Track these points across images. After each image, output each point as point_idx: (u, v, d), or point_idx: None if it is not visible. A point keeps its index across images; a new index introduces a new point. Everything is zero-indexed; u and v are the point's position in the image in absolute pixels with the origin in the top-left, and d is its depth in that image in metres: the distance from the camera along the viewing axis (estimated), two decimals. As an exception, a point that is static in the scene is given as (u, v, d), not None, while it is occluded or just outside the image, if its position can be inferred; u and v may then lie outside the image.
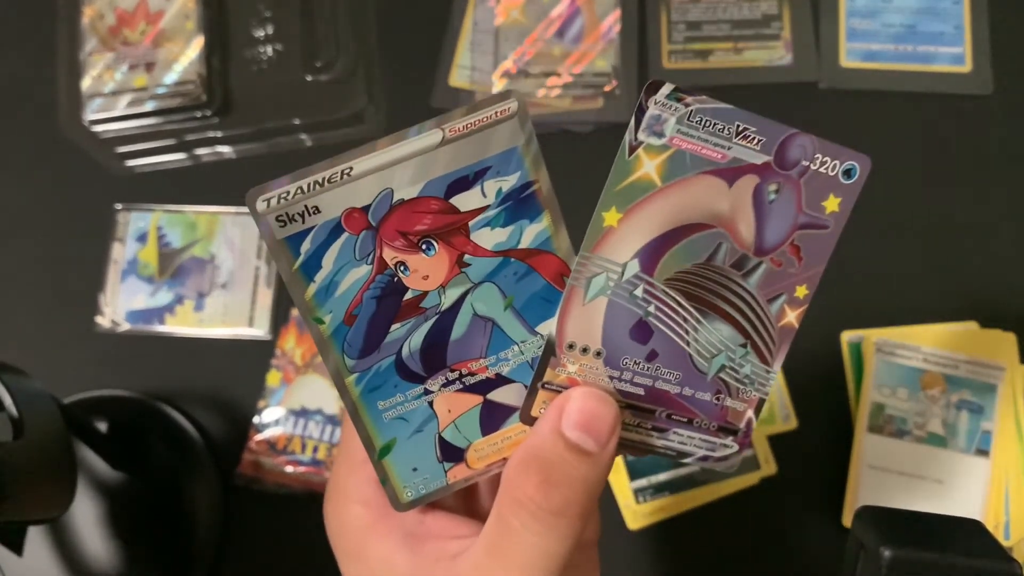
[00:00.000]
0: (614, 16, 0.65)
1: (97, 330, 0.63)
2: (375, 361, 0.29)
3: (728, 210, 0.29)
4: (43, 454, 0.45)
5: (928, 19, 0.65)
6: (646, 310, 0.30)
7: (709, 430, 0.32)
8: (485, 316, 0.30)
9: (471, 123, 0.28)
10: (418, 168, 0.28)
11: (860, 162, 0.31)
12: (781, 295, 0.31)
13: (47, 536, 0.57)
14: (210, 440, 0.60)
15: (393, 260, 0.29)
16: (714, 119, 0.29)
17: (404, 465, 0.31)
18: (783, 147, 0.30)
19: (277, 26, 0.67)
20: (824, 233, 0.31)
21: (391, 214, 0.28)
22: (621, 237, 0.30)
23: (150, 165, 0.66)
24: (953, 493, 0.56)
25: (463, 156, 0.28)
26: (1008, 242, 0.62)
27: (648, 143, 0.30)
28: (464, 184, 0.28)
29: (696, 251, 0.30)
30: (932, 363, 0.58)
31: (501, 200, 0.29)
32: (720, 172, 0.29)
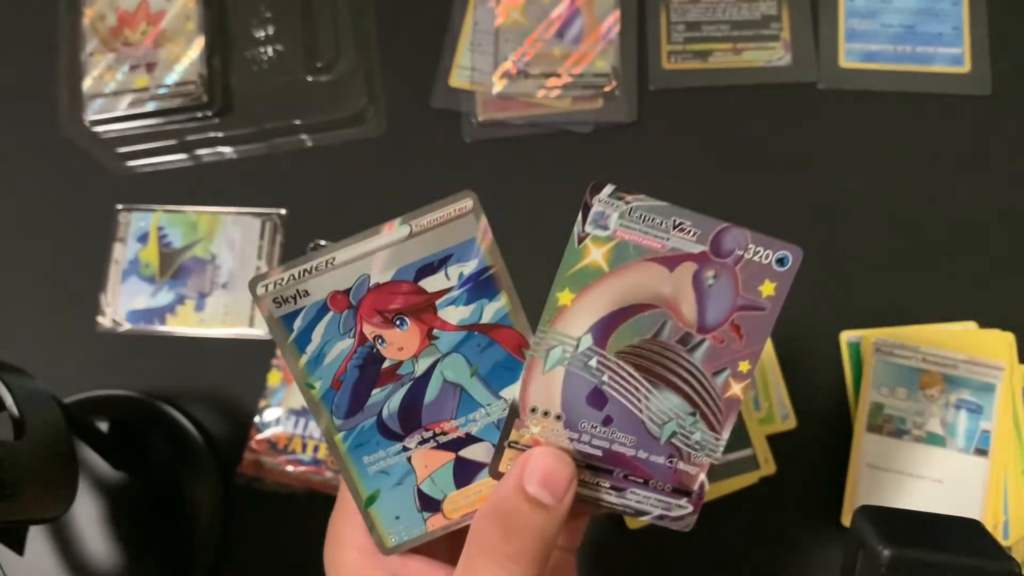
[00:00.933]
0: (614, 17, 0.65)
1: (98, 330, 0.63)
2: (359, 421, 0.34)
3: (671, 292, 0.33)
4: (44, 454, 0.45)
5: (927, 20, 0.65)
6: (600, 379, 0.34)
7: (664, 491, 0.35)
8: (454, 382, 0.34)
9: (434, 219, 0.34)
10: (390, 257, 0.33)
11: (792, 252, 0.35)
12: (725, 369, 0.34)
13: (48, 535, 0.57)
14: (211, 440, 0.61)
15: (372, 334, 0.33)
16: (652, 214, 0.34)
17: (388, 514, 0.35)
18: (717, 239, 0.34)
19: (278, 26, 0.67)
20: (762, 314, 0.34)
21: (368, 295, 0.33)
22: (575, 314, 0.34)
23: (151, 165, 0.66)
24: (952, 492, 0.56)
25: (428, 246, 0.33)
26: (1006, 242, 0.62)
27: (595, 234, 0.34)
28: (430, 269, 0.33)
29: (643, 328, 0.34)
30: (931, 363, 0.58)
31: (463, 282, 0.34)
32: (661, 259, 0.33)
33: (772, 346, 0.60)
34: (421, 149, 0.66)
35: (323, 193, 0.65)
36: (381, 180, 0.65)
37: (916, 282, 0.61)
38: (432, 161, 0.65)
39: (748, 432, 0.58)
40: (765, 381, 0.59)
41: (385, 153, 0.66)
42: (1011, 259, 0.62)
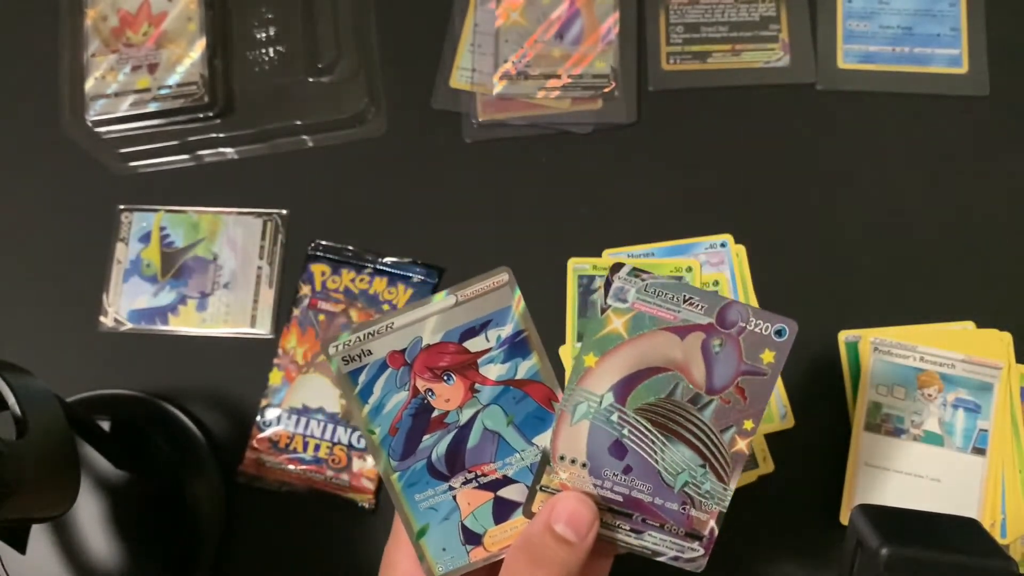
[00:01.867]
0: (613, 18, 0.65)
1: (100, 329, 0.64)
2: (412, 463, 0.39)
3: (682, 357, 0.38)
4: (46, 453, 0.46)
5: (925, 21, 0.65)
6: (621, 432, 0.38)
7: (678, 535, 0.39)
8: (493, 430, 0.39)
9: (476, 290, 0.39)
10: (439, 322, 0.39)
11: (788, 325, 0.39)
12: (731, 427, 0.38)
13: (50, 534, 0.57)
14: (212, 439, 0.61)
15: (423, 388, 0.39)
16: (665, 290, 0.38)
17: (436, 545, 0.39)
18: (722, 312, 0.38)
19: (279, 28, 0.67)
20: (763, 379, 0.38)
21: (421, 355, 0.39)
22: (599, 375, 0.38)
23: (153, 166, 0.67)
24: (950, 491, 0.56)
25: (471, 313, 0.39)
26: (1004, 242, 0.62)
27: (615, 307, 0.38)
28: (473, 332, 0.39)
29: (658, 388, 0.38)
30: (929, 362, 0.58)
31: (501, 344, 0.39)
32: (674, 329, 0.38)
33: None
34: (421, 150, 0.66)
35: (324, 193, 0.65)
36: (382, 180, 0.65)
37: (914, 282, 0.61)
38: (432, 161, 0.66)
39: (747, 431, 0.58)
40: (764, 381, 0.59)
41: (386, 153, 0.66)
42: (1009, 259, 0.62)
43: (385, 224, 0.64)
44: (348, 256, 0.63)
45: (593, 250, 0.62)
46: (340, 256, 0.63)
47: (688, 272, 0.61)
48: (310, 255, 0.64)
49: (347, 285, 0.63)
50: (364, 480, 0.59)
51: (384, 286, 0.62)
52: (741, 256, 0.62)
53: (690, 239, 0.62)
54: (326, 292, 0.62)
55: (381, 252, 0.63)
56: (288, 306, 0.63)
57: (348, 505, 0.59)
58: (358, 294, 0.62)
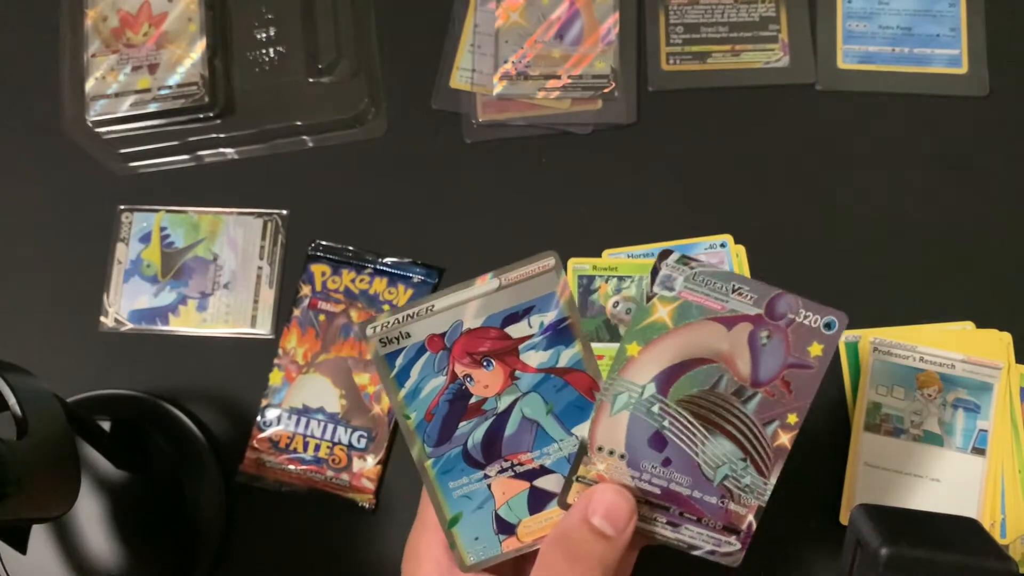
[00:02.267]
0: (613, 19, 0.65)
1: (101, 330, 0.64)
2: (447, 450, 0.38)
3: (728, 349, 0.37)
4: (47, 453, 0.46)
5: (925, 21, 0.66)
6: (661, 424, 0.37)
7: (715, 528, 0.38)
8: (531, 419, 0.38)
9: (521, 274, 0.38)
10: (481, 306, 0.37)
11: (839, 317, 0.38)
12: (775, 420, 0.37)
13: (51, 534, 0.57)
14: (213, 439, 0.61)
15: (462, 373, 0.38)
16: (714, 279, 0.37)
17: (468, 534, 0.39)
18: (772, 303, 0.37)
19: (279, 28, 0.67)
20: (810, 372, 0.38)
21: (461, 339, 0.37)
22: (641, 365, 0.37)
23: (153, 166, 0.67)
24: (949, 491, 0.57)
25: (515, 297, 0.37)
26: (1004, 242, 0.62)
27: (662, 295, 0.37)
28: (515, 318, 0.37)
29: (702, 380, 0.37)
30: (928, 362, 0.58)
31: (543, 330, 0.38)
32: (720, 319, 0.37)
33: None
34: (422, 150, 0.66)
35: (324, 194, 0.65)
36: (382, 181, 0.66)
37: (914, 282, 0.61)
38: (432, 162, 0.66)
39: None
40: (764, 381, 0.60)
41: (386, 154, 0.66)
42: (1008, 259, 0.62)
43: (385, 224, 0.64)
44: (348, 256, 0.63)
45: (593, 250, 0.62)
46: (340, 256, 0.63)
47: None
48: (310, 255, 0.64)
49: (347, 285, 0.63)
50: (364, 480, 0.59)
51: (384, 286, 0.62)
52: (741, 256, 0.62)
53: (690, 239, 0.62)
54: (326, 292, 0.63)
55: (381, 252, 0.63)
56: (288, 306, 0.63)
57: (348, 505, 0.59)
58: (358, 294, 0.62)
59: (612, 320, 0.61)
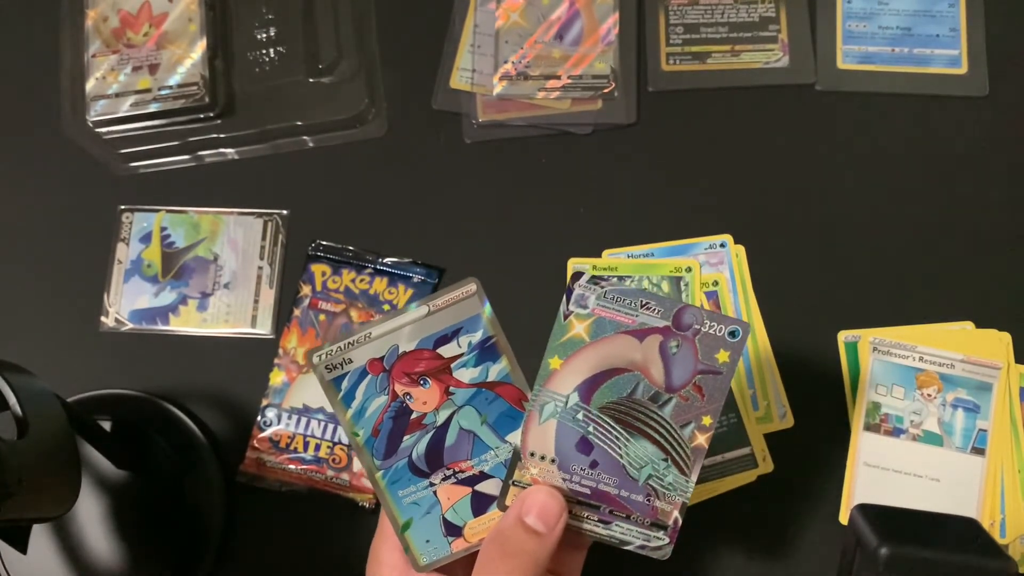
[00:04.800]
0: (613, 19, 0.66)
1: (101, 329, 0.64)
2: (394, 462, 0.42)
3: (641, 359, 0.40)
4: (47, 453, 0.46)
5: (924, 22, 0.66)
6: (586, 430, 0.41)
7: (644, 525, 0.41)
8: (468, 429, 0.42)
9: (447, 300, 0.41)
10: (413, 330, 0.41)
11: (742, 327, 0.41)
12: (691, 422, 0.40)
13: (51, 534, 0.57)
14: (213, 438, 0.61)
15: (402, 392, 0.41)
16: (623, 296, 0.41)
17: (420, 538, 0.42)
18: (678, 315, 0.40)
19: (279, 28, 0.67)
20: (719, 377, 0.41)
21: (398, 361, 0.41)
22: (563, 376, 0.41)
23: (154, 166, 0.67)
24: (949, 491, 0.57)
25: (443, 321, 0.41)
26: (1003, 242, 0.62)
27: (577, 312, 0.41)
28: (446, 339, 0.41)
29: (620, 388, 0.41)
30: (928, 362, 0.58)
31: (472, 349, 0.42)
32: (632, 332, 0.41)
33: (770, 345, 0.60)
34: (422, 150, 0.66)
35: (325, 194, 0.66)
36: (382, 181, 0.66)
37: (913, 282, 0.62)
38: (433, 162, 0.66)
39: (746, 430, 0.58)
40: (763, 380, 0.60)
41: (386, 154, 0.66)
42: (1008, 259, 0.62)
43: (385, 224, 0.65)
44: (348, 256, 0.64)
45: (593, 250, 0.63)
46: (341, 256, 0.64)
47: (688, 272, 0.61)
48: (311, 255, 0.64)
49: (347, 285, 0.63)
50: (364, 480, 0.59)
51: (384, 286, 0.63)
52: (740, 256, 0.62)
53: (690, 239, 0.62)
54: (327, 292, 0.63)
55: (381, 252, 0.63)
56: (289, 306, 0.63)
57: (349, 504, 0.59)
58: (359, 294, 0.62)
59: (612, 320, 0.61)
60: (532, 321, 0.62)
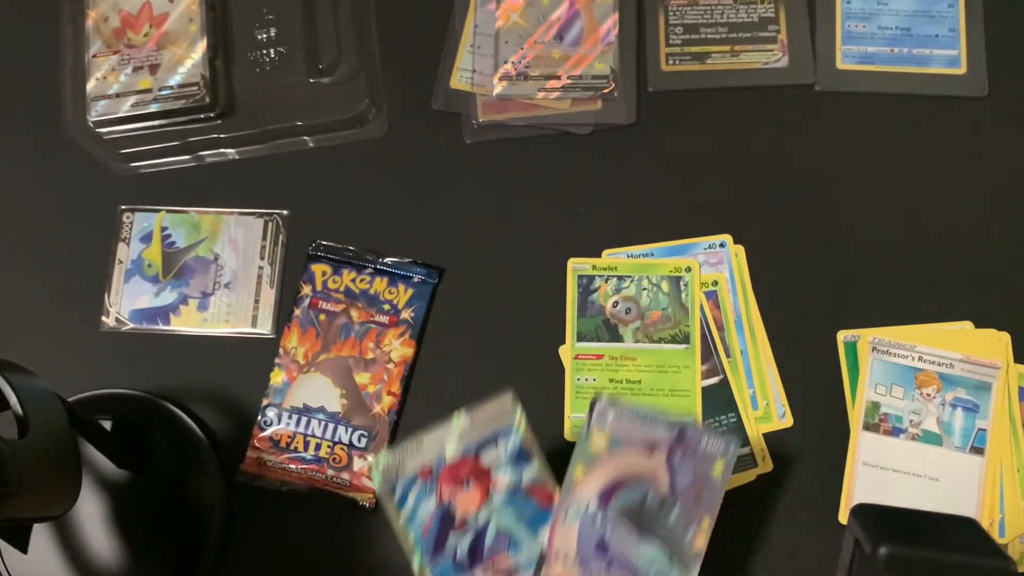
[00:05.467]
0: (612, 19, 0.66)
1: (102, 329, 0.64)
2: (440, 559, 0.46)
3: (650, 470, 0.47)
4: (48, 452, 0.46)
5: (923, 22, 0.66)
6: (604, 533, 0.46)
7: None
8: (505, 528, 0.47)
9: (487, 412, 0.47)
10: (459, 439, 0.47)
11: (732, 442, 0.47)
12: (692, 524, 0.46)
13: (52, 533, 0.57)
14: (214, 438, 0.61)
15: (447, 495, 0.47)
16: (634, 414, 0.47)
17: None
18: (681, 432, 0.47)
19: (280, 29, 0.67)
20: (716, 485, 0.47)
21: (445, 469, 0.47)
22: (586, 485, 0.47)
23: (154, 166, 0.67)
24: (948, 491, 0.57)
25: (484, 430, 0.47)
26: (1002, 243, 0.62)
27: (598, 428, 0.47)
28: (485, 446, 0.47)
29: (633, 496, 0.46)
30: (927, 362, 0.58)
31: (509, 455, 0.47)
32: (643, 447, 0.47)
33: (769, 344, 0.60)
34: (422, 150, 0.66)
35: (325, 194, 0.66)
36: (383, 181, 0.66)
37: (912, 282, 0.62)
38: (433, 162, 0.66)
39: (745, 430, 0.58)
40: (763, 380, 0.60)
41: (386, 154, 0.66)
42: (1007, 259, 0.62)
43: (386, 224, 0.65)
44: (349, 256, 0.64)
45: (593, 250, 0.63)
46: (341, 256, 0.64)
47: (688, 272, 0.61)
48: (311, 255, 0.64)
49: (348, 285, 0.63)
50: (364, 479, 0.59)
51: (385, 286, 0.63)
52: (740, 256, 0.62)
53: (689, 239, 0.62)
54: (327, 292, 0.63)
55: (382, 252, 0.63)
56: (289, 306, 0.63)
57: (349, 504, 0.59)
58: (359, 294, 0.63)
59: (611, 320, 0.61)
60: (532, 321, 0.62)
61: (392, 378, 0.61)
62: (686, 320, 0.61)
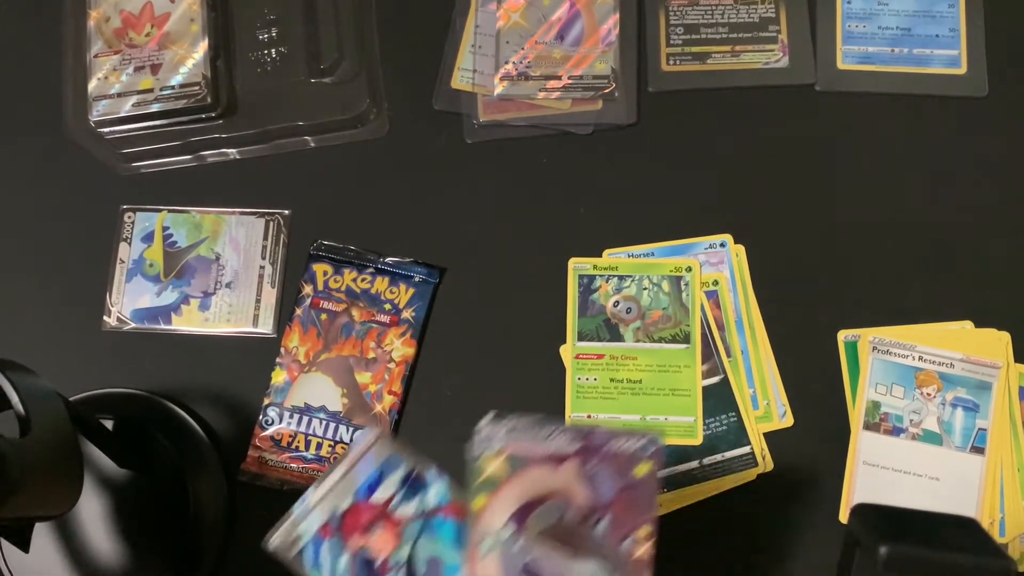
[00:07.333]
0: (613, 20, 0.66)
1: (104, 329, 0.64)
2: None
3: (561, 484, 0.42)
4: (50, 451, 0.46)
5: (924, 22, 0.66)
6: (528, 557, 0.42)
7: None
8: (433, 556, 0.45)
9: (357, 452, 0.45)
10: (343, 489, 0.45)
11: (653, 440, 0.42)
12: (628, 536, 0.41)
13: (53, 532, 0.57)
14: (215, 437, 0.61)
15: (358, 545, 0.44)
16: (528, 427, 0.42)
17: None
18: (588, 438, 0.42)
19: (281, 29, 0.67)
20: (644, 489, 0.42)
21: (343, 520, 0.45)
22: (493, 512, 0.42)
23: (156, 166, 0.67)
24: (948, 490, 0.57)
25: (366, 471, 0.45)
26: (1002, 243, 0.62)
27: (487, 452, 0.42)
28: (373, 487, 0.45)
29: (549, 514, 0.42)
30: (928, 362, 0.58)
31: (400, 485, 0.45)
32: (547, 461, 0.42)
33: (769, 344, 0.60)
34: (423, 150, 0.66)
35: (326, 193, 0.66)
36: (384, 180, 0.66)
37: (913, 282, 0.62)
38: (434, 162, 0.66)
39: (746, 430, 0.58)
40: (763, 379, 0.60)
41: (387, 154, 0.66)
42: (1007, 259, 0.62)
43: (387, 224, 0.65)
44: (350, 255, 0.64)
45: (593, 250, 0.63)
46: (342, 256, 0.64)
47: (688, 272, 0.61)
48: (312, 255, 0.64)
49: (349, 284, 0.63)
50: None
51: (386, 285, 0.63)
52: (740, 256, 0.62)
53: (690, 239, 0.63)
54: (328, 291, 0.63)
55: (383, 252, 0.64)
56: (290, 305, 0.63)
57: (350, 504, 0.60)
58: (360, 293, 0.63)
59: (612, 319, 0.61)
60: (533, 320, 0.62)
61: (393, 377, 0.61)
62: (687, 320, 0.61)
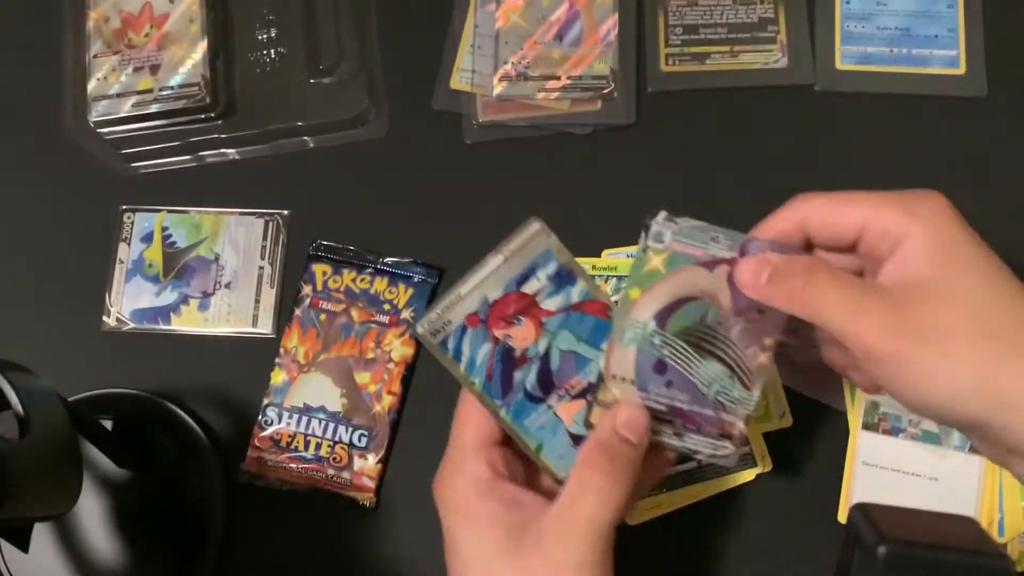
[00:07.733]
0: (612, 20, 0.66)
1: (103, 329, 0.64)
2: (513, 397, 0.46)
3: (711, 287, 0.44)
4: (49, 452, 0.46)
5: (923, 22, 0.66)
6: (662, 353, 0.44)
7: (712, 436, 0.45)
8: (568, 350, 0.46)
9: (518, 243, 0.45)
10: (496, 280, 0.45)
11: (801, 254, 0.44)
12: (754, 344, 0.44)
13: (53, 533, 0.57)
14: (215, 438, 0.61)
15: (501, 335, 0.45)
16: (695, 231, 0.45)
17: (553, 455, 0.46)
18: (744, 247, 0.44)
19: (280, 29, 0.67)
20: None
21: (491, 310, 0.45)
22: (642, 306, 0.45)
23: (155, 166, 0.67)
24: (947, 490, 0.57)
25: (519, 263, 0.45)
26: (1002, 243, 0.62)
27: (654, 247, 0.45)
28: (525, 279, 0.45)
29: (692, 314, 0.44)
30: (926, 362, 0.58)
31: (550, 279, 0.45)
32: (703, 264, 0.44)
33: (769, 345, 0.60)
34: (422, 150, 0.66)
35: (326, 194, 0.66)
36: (383, 181, 0.66)
37: (912, 282, 0.62)
38: (433, 162, 0.66)
39: (745, 430, 0.58)
40: (762, 380, 0.60)
41: (387, 154, 0.66)
42: (1007, 259, 0.62)
43: (386, 224, 0.65)
44: (349, 256, 0.64)
45: (593, 250, 0.63)
46: (341, 256, 0.64)
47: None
48: (311, 255, 0.64)
49: (348, 285, 0.63)
50: (365, 478, 0.59)
51: (385, 286, 0.63)
52: (740, 256, 0.62)
53: (689, 239, 0.62)
54: (327, 292, 0.63)
55: (382, 252, 0.64)
56: (290, 306, 0.63)
57: (349, 503, 0.60)
58: (359, 294, 0.63)
59: (612, 320, 0.61)
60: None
61: (392, 377, 0.61)
62: (686, 320, 0.61)
